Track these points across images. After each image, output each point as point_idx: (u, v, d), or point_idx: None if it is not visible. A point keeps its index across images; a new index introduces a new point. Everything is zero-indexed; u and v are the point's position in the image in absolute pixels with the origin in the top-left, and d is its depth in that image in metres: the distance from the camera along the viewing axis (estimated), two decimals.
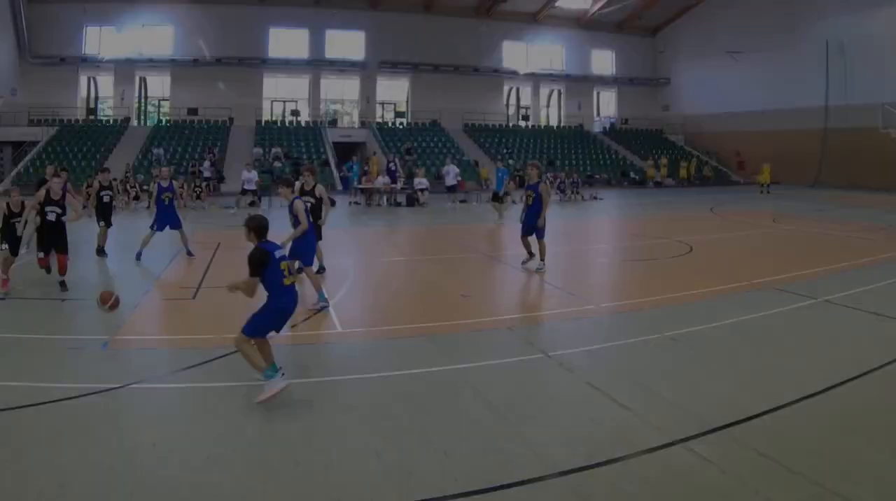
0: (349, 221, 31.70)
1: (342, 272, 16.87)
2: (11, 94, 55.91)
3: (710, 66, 69.35)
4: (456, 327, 12.59)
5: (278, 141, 59.09)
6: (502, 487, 6.56)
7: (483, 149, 63.63)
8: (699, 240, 23.67)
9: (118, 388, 9.10)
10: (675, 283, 16.53)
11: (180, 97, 63.94)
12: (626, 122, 76.83)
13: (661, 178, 63.22)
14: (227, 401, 8.77)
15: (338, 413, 8.50)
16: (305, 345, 11.52)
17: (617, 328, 12.71)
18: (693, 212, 37.12)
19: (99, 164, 49.15)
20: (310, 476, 6.82)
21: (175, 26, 63.57)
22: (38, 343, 11.20)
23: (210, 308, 14.15)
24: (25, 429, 7.81)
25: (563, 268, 19.84)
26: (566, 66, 74.91)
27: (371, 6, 66.50)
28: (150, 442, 7.51)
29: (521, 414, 8.38)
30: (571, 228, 30.18)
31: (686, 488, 6.57)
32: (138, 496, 6.37)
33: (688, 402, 8.63)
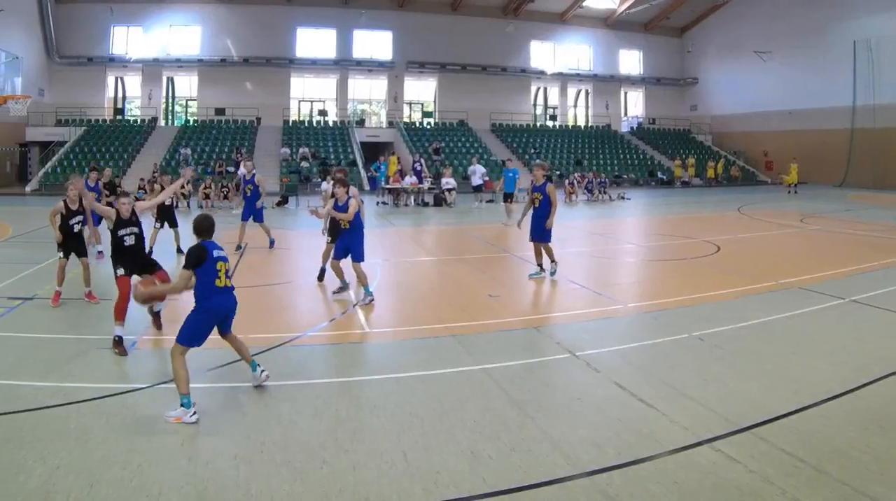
0: (377, 221, 31.67)
1: (369, 272, 16.85)
2: (39, 95, 56.17)
3: (738, 66, 69.11)
4: (483, 327, 12.59)
5: (305, 141, 59.19)
6: (530, 487, 6.59)
7: (510, 149, 63.50)
8: (727, 240, 23.64)
9: (146, 388, 9.22)
10: (703, 283, 16.50)
11: (208, 97, 64.26)
12: (653, 122, 76.68)
13: (689, 178, 63.08)
14: (254, 401, 8.84)
15: (365, 413, 8.52)
16: (333, 345, 11.56)
17: (644, 328, 12.73)
18: (720, 211, 36.96)
19: (126, 164, 49.63)
20: (337, 475, 6.83)
21: (202, 26, 63.84)
22: (67, 342, 11.27)
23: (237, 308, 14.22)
24: (54, 429, 7.87)
25: (590, 268, 19.88)
26: (594, 66, 74.77)
27: (398, 6, 66.58)
28: (178, 442, 7.58)
29: (549, 413, 8.39)
30: (599, 228, 30.09)
31: (713, 488, 6.57)
32: (166, 495, 6.41)
33: (715, 402, 8.63)
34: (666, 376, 9.64)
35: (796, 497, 6.34)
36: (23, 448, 7.31)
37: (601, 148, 67.76)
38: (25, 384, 9.27)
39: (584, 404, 8.70)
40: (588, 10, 70.95)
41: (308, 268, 17.89)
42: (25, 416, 8.21)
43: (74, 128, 57.76)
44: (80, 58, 61.28)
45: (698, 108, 76.57)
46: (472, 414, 8.36)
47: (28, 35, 55.78)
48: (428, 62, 67.98)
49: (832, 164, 59.10)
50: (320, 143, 59.80)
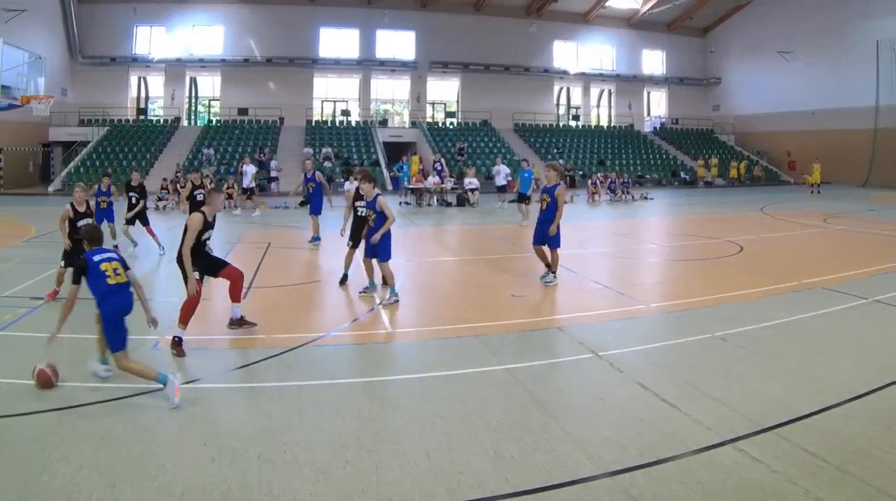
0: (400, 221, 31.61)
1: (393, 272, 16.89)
2: (62, 95, 56.44)
3: (761, 66, 68.95)
4: (506, 327, 12.58)
5: (328, 141, 59.33)
6: (553, 487, 6.59)
7: (533, 149, 63.52)
8: (749, 240, 23.57)
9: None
10: (726, 283, 16.44)
11: (230, 97, 64.52)
12: (676, 122, 76.58)
13: (712, 178, 62.95)
14: (277, 401, 8.84)
15: (388, 413, 8.51)
16: (356, 345, 11.56)
17: (667, 328, 12.71)
18: (743, 211, 36.84)
19: (149, 165, 49.89)
20: (360, 475, 6.83)
21: (225, 26, 64.10)
22: (89, 343, 11.30)
23: (260, 308, 14.15)
24: (77, 429, 7.90)
25: (613, 268, 19.90)
26: (616, 66, 74.72)
27: (421, 6, 66.69)
28: (201, 442, 7.59)
29: (572, 413, 8.39)
30: (622, 228, 30.04)
31: (736, 488, 6.55)
32: (189, 496, 6.43)
33: (738, 402, 8.61)
34: (689, 376, 9.63)
35: (819, 497, 6.32)
36: (46, 448, 7.34)
37: (624, 148, 67.71)
38: None
39: (608, 404, 8.69)
40: (611, 10, 70.93)
41: (331, 269, 17.91)
42: (48, 416, 8.26)
43: (97, 129, 58.10)
44: (102, 58, 61.61)
45: (721, 108, 76.40)
46: (495, 414, 8.35)
47: (51, 35, 56.08)
48: (451, 62, 68.03)
49: (855, 164, 58.93)
50: (343, 143, 59.93)
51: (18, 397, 8.84)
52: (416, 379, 9.69)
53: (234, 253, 21.11)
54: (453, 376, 9.82)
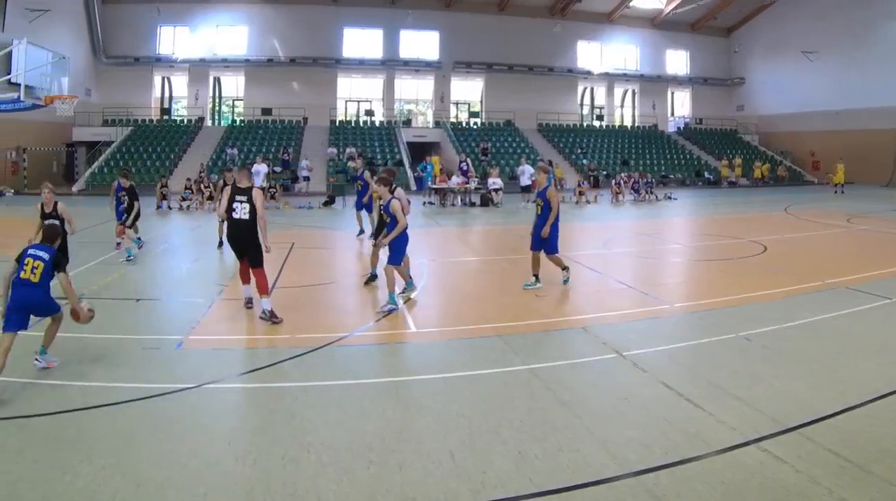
0: (423, 221, 31.70)
1: (416, 272, 16.87)
2: (86, 95, 56.64)
3: (785, 66, 68.62)
4: (530, 327, 12.59)
5: (352, 141, 59.30)
6: (577, 487, 6.59)
7: (557, 149, 63.51)
8: (773, 240, 23.50)
9: (193, 388, 9.25)
10: (749, 283, 16.38)
11: (254, 97, 64.67)
12: (700, 122, 76.31)
13: (736, 178, 62.69)
14: (300, 401, 8.85)
15: (412, 413, 8.53)
16: (379, 345, 11.57)
17: (691, 328, 12.70)
18: (767, 211, 36.74)
19: (173, 165, 50.12)
20: (383, 475, 6.84)
21: (249, 26, 64.25)
22: (112, 343, 11.33)
23: (283, 308, 14.18)
24: (100, 429, 7.94)
25: (637, 268, 19.86)
26: (640, 66, 74.54)
27: (445, 6, 66.65)
28: (225, 442, 7.62)
29: (595, 413, 8.38)
30: (645, 228, 29.98)
31: (760, 488, 6.53)
32: (213, 495, 6.46)
33: (761, 402, 8.59)
34: (712, 376, 9.61)
35: (843, 496, 6.31)
36: (69, 448, 7.38)
37: (648, 148, 67.55)
38: (72, 384, 9.36)
39: (631, 404, 8.68)
40: (635, 10, 70.76)
41: (354, 270, 17.97)
42: (72, 416, 8.29)
43: (121, 128, 58.34)
44: (126, 58, 61.90)
45: (745, 108, 76.08)
46: (518, 414, 8.35)
47: (75, 35, 56.37)
48: (475, 62, 68.01)
49: (879, 164, 58.61)
50: (367, 143, 59.87)
51: (41, 397, 8.89)
52: (440, 379, 9.71)
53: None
54: (477, 376, 9.83)
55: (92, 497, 6.35)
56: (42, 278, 9.98)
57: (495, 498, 6.42)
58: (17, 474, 6.77)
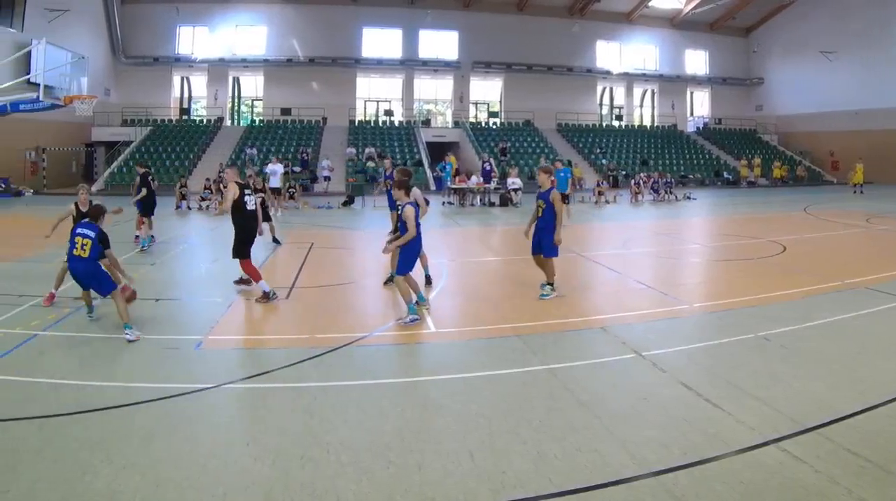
0: (443, 221, 31.72)
1: (436, 272, 16.87)
2: (105, 95, 56.90)
3: (804, 66, 68.64)
4: (549, 327, 12.57)
5: (371, 141, 59.49)
6: (596, 487, 6.58)
7: (576, 149, 63.61)
8: (792, 240, 23.42)
9: (212, 388, 9.27)
10: (769, 283, 16.34)
11: (273, 97, 64.99)
12: (719, 122, 76.25)
13: (755, 178, 62.57)
14: (319, 401, 8.86)
15: (431, 413, 8.54)
16: (398, 345, 11.58)
17: (710, 328, 12.67)
18: (786, 211, 36.68)
19: (192, 164, 50.27)
20: (403, 475, 6.85)
21: (268, 26, 64.59)
22: (132, 343, 11.39)
23: (303, 308, 14.25)
24: (120, 429, 7.95)
25: (656, 268, 19.82)
26: (659, 66, 74.63)
27: (464, 6, 66.87)
28: (244, 442, 7.63)
29: (615, 413, 8.36)
30: (664, 228, 29.93)
31: (779, 488, 6.52)
32: (232, 496, 6.47)
33: (781, 402, 8.57)
34: (731, 376, 9.58)
35: (862, 497, 6.29)
36: (89, 448, 7.39)
37: (667, 148, 67.53)
38: (91, 384, 9.39)
39: (651, 404, 8.67)
40: (654, 9, 70.88)
41: (373, 270, 17.97)
42: (91, 416, 8.31)
43: (140, 128, 58.77)
44: (145, 58, 62.33)
45: (764, 108, 76.00)
46: (538, 414, 8.34)
47: (94, 35, 56.76)
48: (494, 62, 68.18)
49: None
50: (386, 143, 60.01)
51: (61, 397, 8.91)
52: (459, 379, 9.70)
53: (276, 253, 21.29)
54: (496, 376, 9.82)
55: (111, 498, 6.38)
56: (91, 253, 11.58)
57: (515, 498, 6.41)
58: (36, 474, 6.79)
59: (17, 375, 9.65)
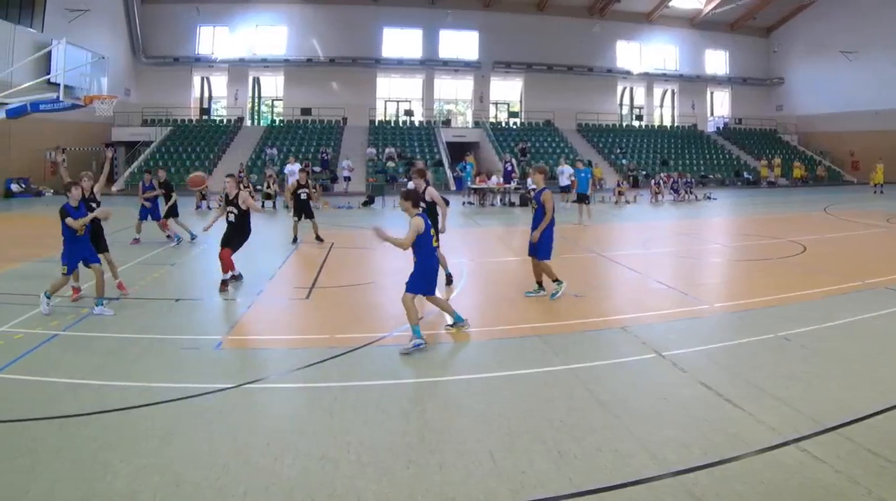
0: (463, 221, 31.77)
1: (455, 272, 16.88)
2: (125, 95, 57.12)
3: (824, 66, 68.49)
4: (569, 327, 12.59)
5: (392, 141, 59.60)
6: (616, 487, 6.58)
7: (597, 149, 63.60)
8: (812, 240, 23.37)
9: (232, 388, 9.30)
10: (789, 283, 16.34)
11: (294, 97, 65.07)
12: (739, 122, 76.11)
13: (775, 178, 62.40)
14: (340, 401, 8.87)
15: (451, 412, 8.56)
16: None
17: (730, 328, 12.65)
18: (806, 211, 36.66)
19: (213, 164, 50.33)
20: (423, 475, 6.86)
21: (288, 26, 64.76)
22: (152, 343, 11.41)
23: (323, 308, 14.29)
24: (139, 429, 7.98)
25: (676, 268, 19.78)
26: (680, 66, 74.47)
27: (484, 6, 66.93)
28: (265, 442, 7.64)
29: (635, 413, 8.37)
30: (685, 228, 29.89)
31: (799, 488, 6.53)
32: (252, 496, 6.49)
33: (801, 402, 8.57)
34: (752, 376, 9.57)
35: (882, 497, 6.29)
36: (109, 448, 7.42)
37: (687, 148, 67.40)
38: (111, 384, 9.41)
39: (671, 404, 8.68)
40: (674, 9, 70.74)
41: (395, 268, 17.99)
42: (111, 416, 8.35)
43: (160, 129, 59.05)
44: (166, 58, 62.63)
45: (784, 108, 75.76)
46: (558, 414, 8.35)
47: (114, 35, 57.01)
48: (514, 62, 68.21)
49: None
50: (406, 143, 60.16)
51: (81, 397, 8.96)
52: (480, 379, 9.72)
53: (296, 253, 21.35)
54: (516, 376, 9.83)
55: (131, 497, 6.40)
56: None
57: (535, 498, 6.42)
58: (56, 474, 6.83)
59: (37, 375, 9.72)
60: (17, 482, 6.67)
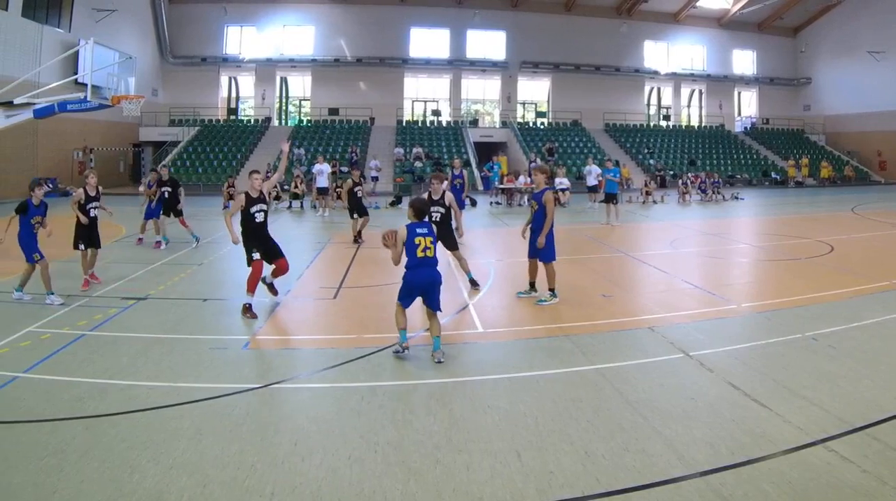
0: (490, 221, 31.84)
1: (483, 272, 16.89)
2: (152, 95, 57.55)
3: (852, 66, 68.18)
4: (596, 327, 12.57)
5: (419, 141, 59.52)
6: (643, 487, 6.59)
7: (624, 149, 63.41)
8: (840, 240, 23.32)
9: (259, 388, 9.36)
10: (816, 283, 16.31)
11: (321, 97, 65.27)
12: (766, 122, 75.76)
13: (802, 178, 62.14)
14: (367, 401, 8.90)
15: (479, 412, 8.55)
16: (447, 345, 11.43)
17: (758, 328, 12.60)
18: (834, 211, 36.53)
19: (240, 164, 50.48)
20: (450, 475, 6.88)
21: (316, 26, 64.84)
22: (179, 343, 11.46)
23: (350, 308, 14.30)
24: (167, 429, 8.02)
25: (703, 268, 19.77)
26: (707, 66, 74.19)
27: (512, 6, 66.90)
28: (292, 442, 7.68)
29: (662, 413, 8.37)
30: (712, 228, 29.76)
31: (827, 488, 6.52)
32: (279, 496, 6.51)
33: (828, 402, 8.56)
34: (779, 376, 9.56)
35: None
36: (137, 448, 7.47)
37: (715, 148, 67.16)
38: (138, 384, 9.47)
39: (698, 404, 8.67)
40: (701, 9, 70.54)
41: None
42: (139, 416, 8.40)
43: (187, 128, 59.31)
44: (193, 58, 62.90)
45: (811, 108, 75.38)
46: (585, 414, 8.36)
47: (141, 35, 57.38)
48: (541, 62, 68.13)
49: None
50: (434, 143, 60.16)
51: (108, 397, 9.01)
52: (507, 379, 9.73)
53: (324, 253, 21.41)
54: (544, 376, 9.83)
55: (159, 498, 6.44)
56: None
57: (562, 498, 6.43)
58: (84, 474, 6.87)
59: (65, 375, 9.80)
60: (45, 482, 6.72)
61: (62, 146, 47.77)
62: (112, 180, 52.18)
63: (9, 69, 34.82)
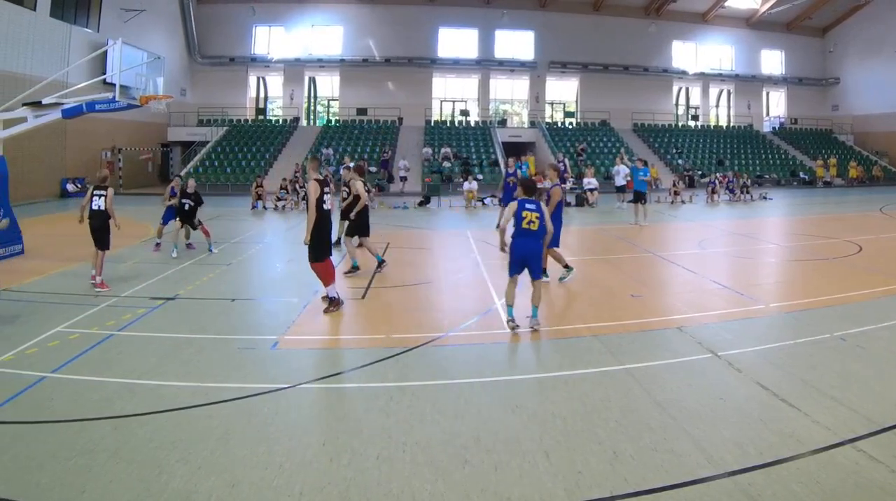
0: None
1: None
2: (181, 95, 57.85)
3: (880, 66, 67.64)
4: (625, 327, 12.53)
5: (447, 141, 59.58)
6: (672, 487, 6.57)
7: (652, 149, 63.23)
8: (868, 240, 23.15)
9: (288, 388, 9.35)
10: (845, 283, 16.22)
11: (349, 97, 65.31)
12: (795, 122, 75.33)
13: (831, 178, 61.78)
14: (396, 401, 8.90)
15: (507, 412, 8.53)
16: (475, 345, 11.55)
17: (786, 328, 12.56)
18: (862, 212, 36.30)
19: (268, 164, 50.67)
20: (479, 475, 6.87)
21: (344, 26, 64.90)
22: (208, 342, 11.50)
23: (379, 308, 14.33)
24: (195, 429, 8.05)
25: (732, 268, 19.73)
26: (735, 66, 73.79)
27: (540, 6, 66.79)
28: (320, 442, 7.69)
29: (691, 413, 8.33)
30: (740, 228, 29.65)
31: (855, 488, 6.49)
32: (308, 496, 6.52)
33: (857, 402, 8.50)
34: (808, 376, 9.52)
35: None
36: (165, 448, 7.49)
37: (743, 148, 66.79)
38: (167, 384, 9.50)
39: (726, 404, 8.63)
40: (730, 9, 70.13)
41: (450, 269, 18.01)
42: (167, 416, 8.42)
43: (216, 128, 59.52)
44: (221, 58, 63.12)
45: (840, 108, 74.89)
46: (614, 415, 8.34)
47: (170, 35, 57.70)
48: (570, 62, 67.98)
49: None
50: (462, 143, 60.14)
51: (136, 397, 9.05)
52: (535, 380, 9.72)
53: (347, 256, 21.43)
54: (572, 376, 9.81)
55: (187, 498, 6.47)
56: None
57: (590, 498, 6.41)
58: (112, 474, 6.91)
59: (93, 375, 9.83)
60: (74, 481, 6.75)
61: (90, 146, 48.02)
62: (141, 180, 52.63)
63: (37, 69, 35.12)
